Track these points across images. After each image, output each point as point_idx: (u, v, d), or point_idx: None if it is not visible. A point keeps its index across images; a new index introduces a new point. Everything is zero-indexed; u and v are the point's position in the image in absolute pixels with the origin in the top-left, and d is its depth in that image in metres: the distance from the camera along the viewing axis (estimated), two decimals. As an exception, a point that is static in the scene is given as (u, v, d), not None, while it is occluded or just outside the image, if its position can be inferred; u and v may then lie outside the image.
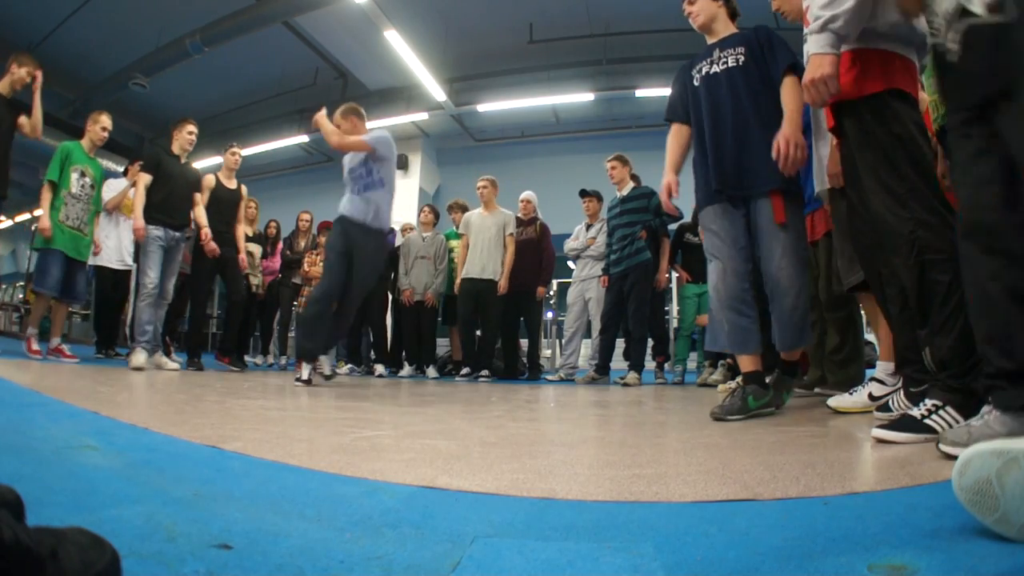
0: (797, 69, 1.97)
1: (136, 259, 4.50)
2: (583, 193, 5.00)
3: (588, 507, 0.82)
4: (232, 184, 4.61)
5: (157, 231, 3.96)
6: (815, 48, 1.47)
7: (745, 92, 2.08)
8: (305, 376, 3.19)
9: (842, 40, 1.46)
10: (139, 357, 3.71)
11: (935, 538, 0.69)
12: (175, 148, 4.19)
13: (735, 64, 2.11)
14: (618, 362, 4.69)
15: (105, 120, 4.15)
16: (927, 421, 1.32)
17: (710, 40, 2.22)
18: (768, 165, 1.94)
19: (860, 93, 1.51)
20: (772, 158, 1.89)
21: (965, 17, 1.12)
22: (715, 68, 2.15)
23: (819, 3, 1.44)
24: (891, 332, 1.94)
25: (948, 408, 1.33)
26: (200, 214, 4.27)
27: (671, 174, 2.26)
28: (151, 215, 3.95)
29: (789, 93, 1.98)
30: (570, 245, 5.09)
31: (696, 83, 2.21)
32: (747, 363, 2.08)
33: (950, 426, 1.30)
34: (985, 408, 1.14)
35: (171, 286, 4.17)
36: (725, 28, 2.21)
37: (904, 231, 1.47)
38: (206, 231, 4.15)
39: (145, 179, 3.98)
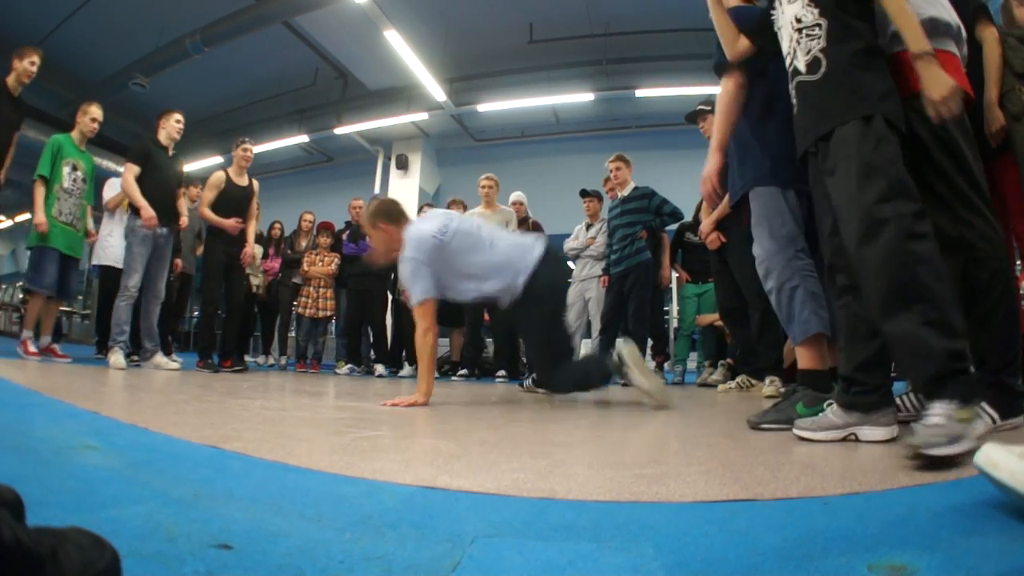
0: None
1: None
2: (583, 193, 4.99)
3: (588, 507, 0.82)
4: (243, 180, 4.54)
5: (145, 230, 3.89)
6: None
7: None
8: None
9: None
10: (118, 358, 3.69)
11: (935, 538, 0.69)
12: (162, 138, 4.10)
13: None
14: (617, 362, 4.69)
15: (95, 111, 4.03)
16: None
17: None
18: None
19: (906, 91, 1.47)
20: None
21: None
22: None
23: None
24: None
25: (984, 404, 1.41)
26: (183, 206, 4.25)
27: None
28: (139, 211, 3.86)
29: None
30: (570, 245, 5.08)
31: None
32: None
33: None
34: (828, 402, 1.48)
35: (163, 284, 4.10)
36: None
37: (947, 230, 1.52)
38: (184, 219, 4.20)
39: (133, 171, 3.89)
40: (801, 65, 1.50)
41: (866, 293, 1.30)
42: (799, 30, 1.50)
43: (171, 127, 4.10)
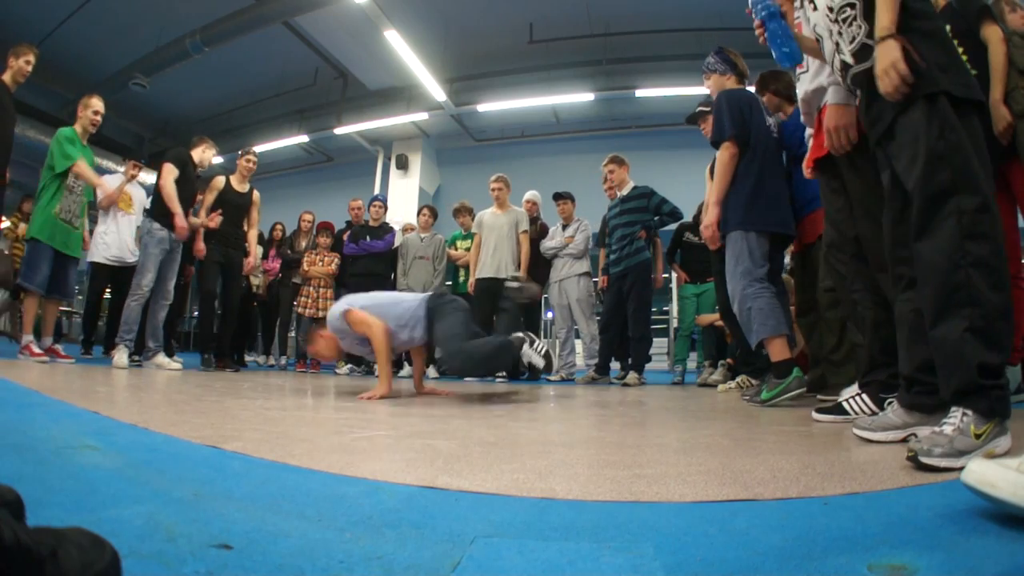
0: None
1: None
2: (556, 196, 5.06)
3: (588, 507, 0.82)
4: (243, 188, 4.67)
5: (162, 232, 4.01)
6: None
7: None
8: None
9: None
10: (121, 357, 3.74)
11: (935, 538, 0.69)
12: (196, 157, 4.34)
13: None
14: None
15: (96, 104, 3.94)
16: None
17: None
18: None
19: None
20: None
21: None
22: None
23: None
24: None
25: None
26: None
27: None
28: (159, 217, 4.00)
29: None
30: (547, 244, 5.10)
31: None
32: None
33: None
34: (888, 402, 1.46)
35: (172, 285, 4.19)
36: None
37: None
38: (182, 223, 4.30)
39: (174, 173, 4.06)
40: (848, 57, 1.42)
41: (920, 289, 1.25)
42: (835, 20, 1.44)
43: (206, 157, 4.39)
